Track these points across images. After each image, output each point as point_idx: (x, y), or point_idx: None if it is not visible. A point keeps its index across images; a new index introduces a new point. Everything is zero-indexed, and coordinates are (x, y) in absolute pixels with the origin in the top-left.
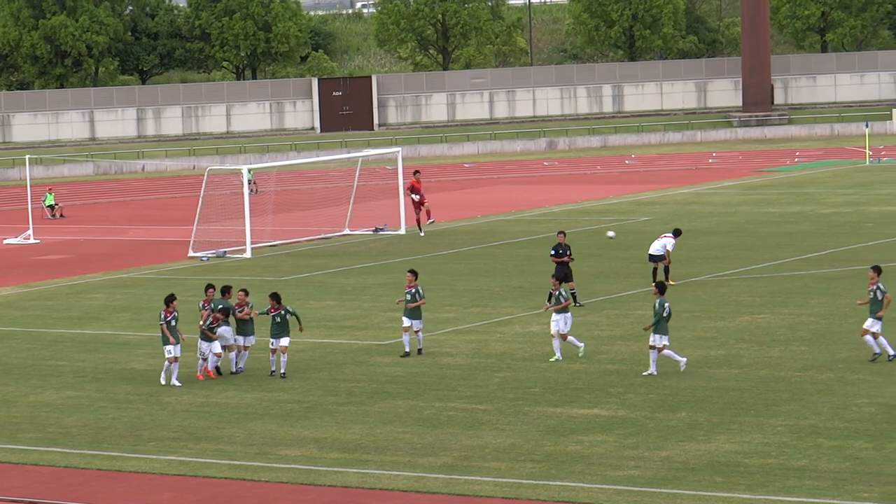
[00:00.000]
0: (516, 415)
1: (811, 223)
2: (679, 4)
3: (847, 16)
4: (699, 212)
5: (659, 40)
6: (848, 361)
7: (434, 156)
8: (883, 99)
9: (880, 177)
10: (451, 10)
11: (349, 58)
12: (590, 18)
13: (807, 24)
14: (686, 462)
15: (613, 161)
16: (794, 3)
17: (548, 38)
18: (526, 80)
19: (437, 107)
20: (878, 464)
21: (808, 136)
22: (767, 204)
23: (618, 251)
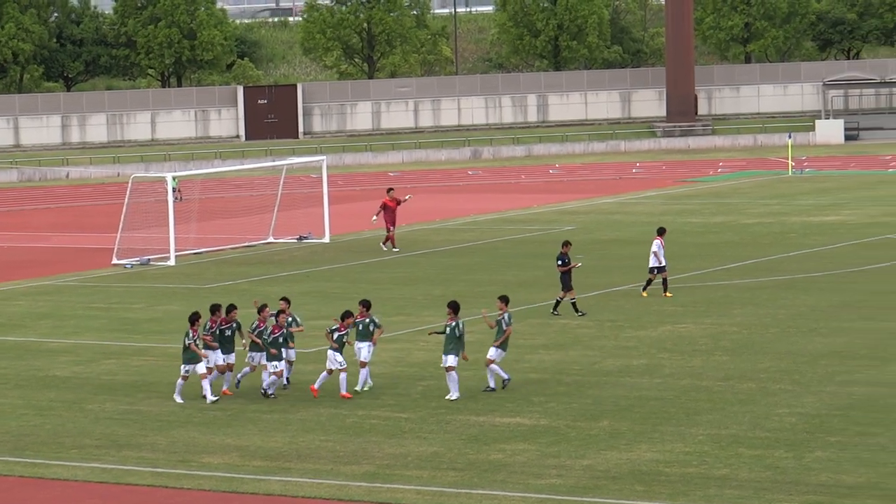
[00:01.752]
0: (439, 423)
1: (734, 233)
2: (604, 15)
3: (771, 27)
4: (622, 221)
5: (584, 50)
6: (769, 371)
7: (359, 164)
8: (806, 110)
9: (803, 187)
10: (377, 18)
11: (274, 66)
12: (515, 28)
13: (730, 34)
14: (607, 471)
15: (537, 170)
16: (717, 13)
17: (473, 47)
18: (451, 89)
19: (362, 115)
20: (798, 473)
21: (731, 147)
22: (690, 214)
23: (541, 261)
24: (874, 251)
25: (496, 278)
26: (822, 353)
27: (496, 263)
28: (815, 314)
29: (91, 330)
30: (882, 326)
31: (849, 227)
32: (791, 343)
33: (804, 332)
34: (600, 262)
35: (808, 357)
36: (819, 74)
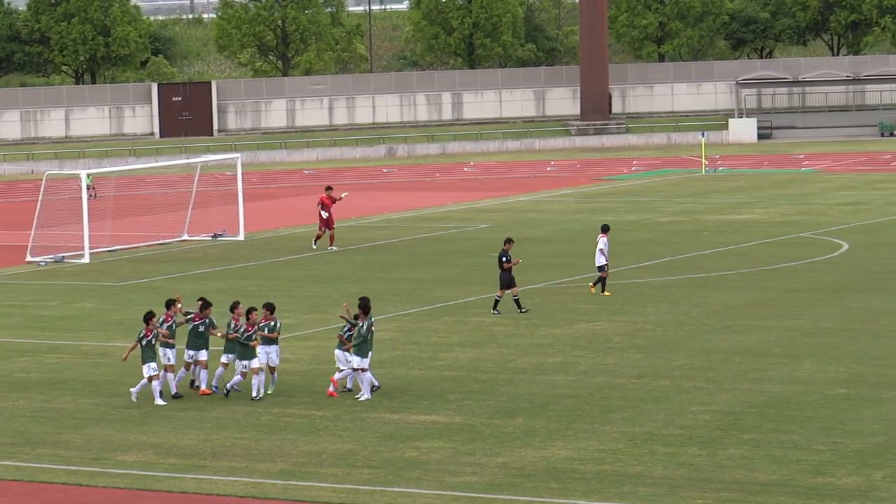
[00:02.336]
0: (354, 421)
1: (648, 231)
2: (518, 13)
3: (684, 26)
4: (537, 219)
5: (498, 48)
6: (683, 369)
7: (273, 162)
8: (719, 109)
9: (716, 186)
10: (291, 15)
11: (189, 63)
12: (429, 26)
13: (644, 33)
14: (522, 468)
15: (452, 168)
16: (631, 12)
17: (388, 45)
18: (366, 87)
19: (277, 113)
20: (712, 470)
21: (645, 145)
22: (605, 212)
23: (456, 258)
24: (786, 249)
25: (411, 276)
26: (736, 351)
27: (411, 261)
28: (729, 312)
29: (4, 327)
30: (794, 325)
31: (762, 226)
32: (705, 341)
33: (718, 330)
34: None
35: (721, 355)
36: (732, 73)
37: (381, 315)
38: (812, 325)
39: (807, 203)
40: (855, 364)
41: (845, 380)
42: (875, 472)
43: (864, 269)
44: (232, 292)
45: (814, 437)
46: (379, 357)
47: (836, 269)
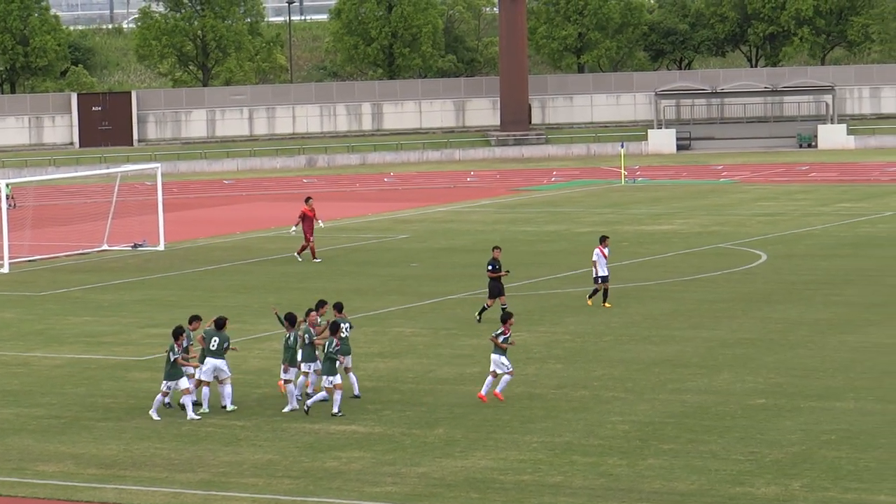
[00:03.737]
0: (274, 431)
1: (567, 242)
2: (438, 24)
3: (603, 37)
4: (457, 230)
5: (418, 59)
6: (602, 379)
7: (193, 172)
8: (638, 119)
9: (635, 196)
10: (211, 25)
11: (109, 73)
12: (349, 36)
13: (564, 44)
14: (443, 478)
15: (372, 179)
16: (551, 24)
17: (308, 55)
18: (286, 98)
19: (197, 123)
20: (632, 480)
21: (564, 156)
22: (524, 223)
23: (376, 268)
24: (705, 260)
25: (330, 286)
26: (655, 361)
27: (330, 271)
28: (648, 323)
29: None
30: (713, 335)
31: (681, 236)
32: (624, 351)
33: (637, 341)
34: (435, 271)
35: (640, 365)
36: (651, 84)
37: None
38: (730, 336)
39: (725, 214)
40: (773, 374)
41: (763, 390)
42: (793, 481)
43: (781, 280)
44: (151, 303)
45: (732, 446)
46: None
47: (754, 280)
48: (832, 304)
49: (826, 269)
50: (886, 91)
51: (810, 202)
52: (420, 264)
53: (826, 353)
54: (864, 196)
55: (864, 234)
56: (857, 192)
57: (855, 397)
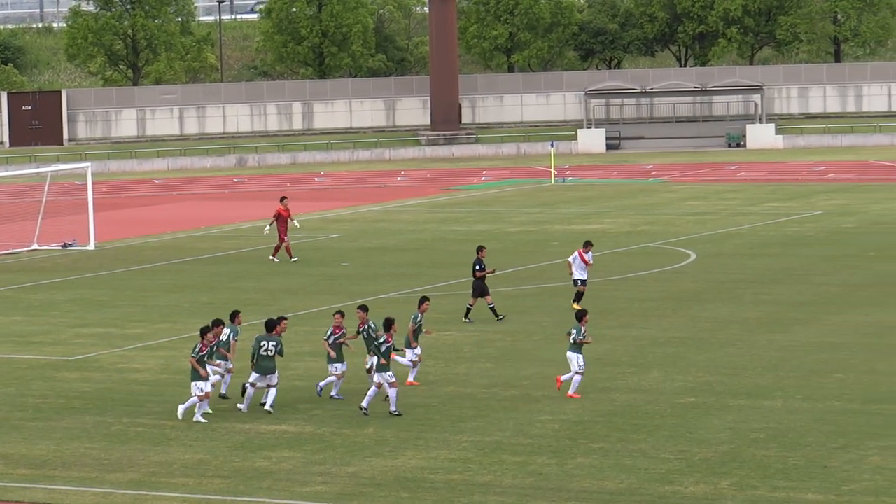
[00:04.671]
0: (204, 430)
1: (497, 241)
2: (368, 23)
3: (534, 37)
4: (388, 229)
5: (348, 59)
6: (532, 378)
7: (124, 171)
8: (568, 119)
9: (565, 196)
10: (141, 24)
11: (39, 72)
12: (279, 35)
13: (494, 44)
14: (373, 478)
15: (303, 178)
16: (481, 23)
17: (238, 54)
18: (216, 97)
19: (127, 122)
20: (561, 479)
21: (494, 155)
22: (454, 222)
23: (307, 268)
24: (635, 259)
25: (261, 286)
26: (585, 360)
27: (262, 271)
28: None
29: None
30: (642, 334)
31: (610, 236)
32: (554, 350)
33: (566, 340)
34: (366, 270)
35: None
36: (581, 84)
37: None
38: (660, 335)
39: (655, 213)
40: (702, 373)
41: (693, 388)
42: (722, 480)
43: (711, 279)
44: (81, 302)
45: (661, 445)
46: None
47: (683, 279)
48: (761, 303)
49: (755, 268)
50: (814, 91)
51: (739, 201)
52: (351, 263)
53: (755, 351)
54: (791, 195)
55: (792, 234)
56: (785, 192)
57: (783, 396)
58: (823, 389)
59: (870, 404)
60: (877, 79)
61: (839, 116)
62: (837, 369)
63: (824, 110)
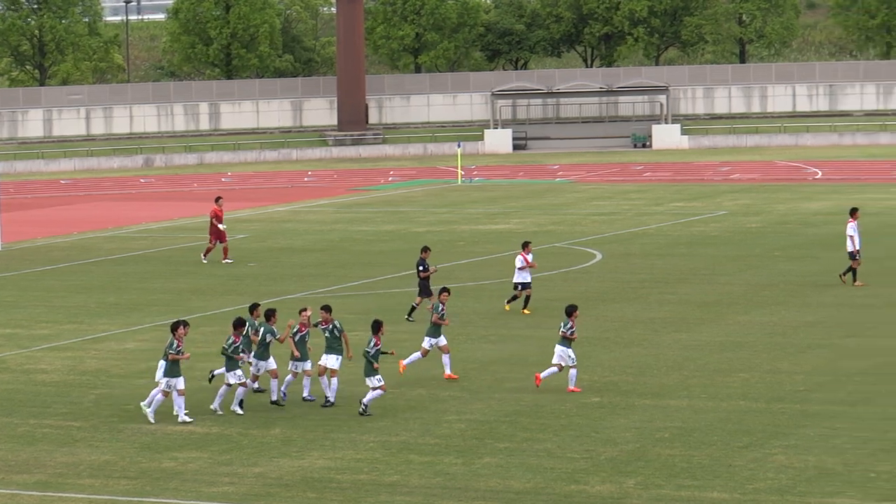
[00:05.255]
0: (111, 431)
1: (405, 241)
2: (276, 24)
3: (440, 37)
4: (295, 230)
5: (256, 59)
6: (438, 378)
7: (30, 172)
8: (475, 119)
9: (471, 196)
10: (48, 25)
11: None
12: (187, 36)
13: (401, 44)
14: (280, 478)
15: (210, 178)
16: (388, 24)
17: (145, 55)
18: (123, 97)
19: (34, 123)
20: (468, 479)
21: (401, 156)
22: (362, 222)
23: (214, 268)
24: (541, 259)
25: (169, 286)
26: (492, 360)
27: (169, 271)
28: (485, 322)
29: None
30: (549, 334)
31: (517, 236)
32: (461, 350)
33: (474, 340)
34: (273, 270)
35: (477, 364)
36: (488, 84)
37: (139, 326)
38: None
39: (561, 213)
40: (608, 372)
41: (598, 388)
42: (627, 479)
43: (617, 279)
44: None
45: (568, 445)
46: (137, 368)
47: (589, 279)
48: (666, 302)
49: (661, 268)
50: (719, 91)
51: (645, 202)
52: (258, 264)
53: (660, 351)
54: (697, 195)
55: (698, 234)
56: (691, 192)
57: (688, 395)
58: (728, 388)
59: (774, 403)
60: (781, 79)
61: (744, 117)
62: (742, 368)
63: (729, 111)
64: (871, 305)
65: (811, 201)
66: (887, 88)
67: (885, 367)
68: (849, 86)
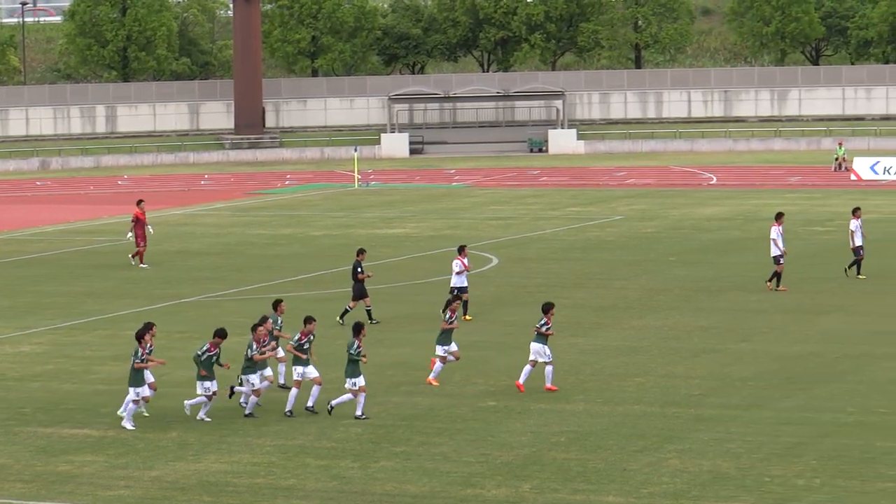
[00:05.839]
0: (6, 435)
1: (302, 245)
2: (172, 27)
3: (337, 41)
4: (191, 233)
5: (153, 62)
6: (335, 382)
7: None
8: (372, 123)
9: (368, 200)
10: None
11: None
12: (83, 39)
13: (298, 48)
14: (176, 481)
15: (106, 181)
16: (285, 27)
17: (41, 57)
18: (19, 100)
19: None
20: (364, 483)
21: (298, 160)
22: (259, 226)
23: (110, 271)
24: (438, 263)
25: (64, 289)
26: (388, 364)
27: (65, 275)
28: (381, 325)
29: None
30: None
31: (413, 240)
32: None
33: (370, 344)
34: (169, 274)
35: (373, 368)
36: (385, 89)
37: (34, 329)
38: (462, 339)
39: (458, 218)
40: (504, 377)
41: (494, 392)
42: (523, 483)
43: (513, 283)
44: None
45: (463, 449)
46: (32, 371)
47: (486, 283)
48: (562, 307)
49: (556, 273)
50: (615, 96)
51: (541, 206)
52: (153, 267)
53: (556, 355)
54: (593, 200)
55: (594, 238)
56: (587, 197)
57: (584, 399)
58: (623, 393)
59: (668, 407)
60: (676, 85)
61: (640, 122)
62: (637, 373)
63: (625, 116)
64: (763, 311)
65: (706, 206)
66: (781, 94)
67: (777, 372)
68: (743, 92)
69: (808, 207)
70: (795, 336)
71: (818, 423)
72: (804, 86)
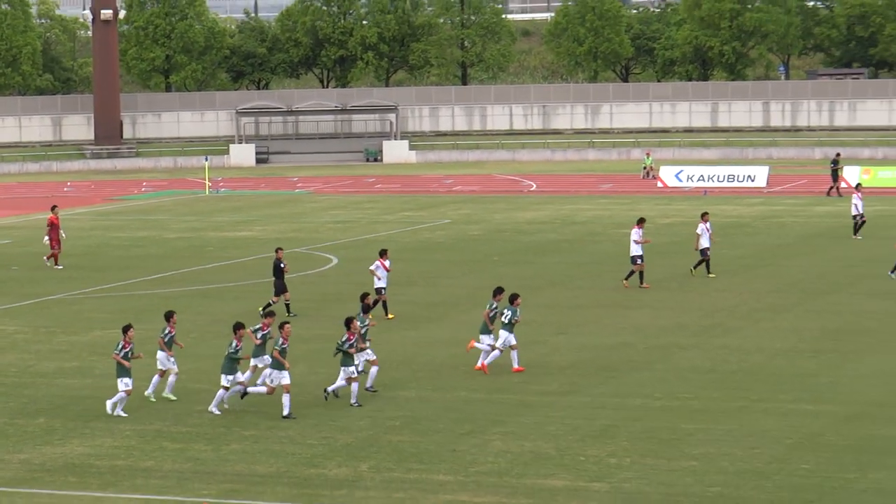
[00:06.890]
0: None
1: (157, 247)
2: (36, 45)
3: (189, 59)
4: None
5: (18, 77)
6: (190, 372)
7: None
8: (221, 135)
9: (218, 205)
10: None
11: None
12: None
13: (152, 65)
14: (43, 464)
15: None
16: (140, 46)
17: None
18: None
19: None
20: (216, 464)
21: (154, 168)
22: (117, 229)
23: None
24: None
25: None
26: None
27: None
28: (230, 319)
29: None
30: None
31: (260, 242)
32: (208, 347)
33: (221, 337)
34: (34, 273)
35: (220, 359)
36: (233, 103)
37: None
38: (305, 333)
39: (300, 221)
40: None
41: (334, 380)
42: (362, 463)
43: (351, 281)
44: None
45: (307, 432)
46: None
47: (326, 282)
48: (397, 303)
49: (392, 272)
50: (444, 110)
51: (377, 211)
52: (20, 268)
53: (391, 347)
54: (424, 205)
55: (425, 240)
56: (418, 202)
57: (417, 387)
58: (453, 381)
59: (493, 393)
60: (499, 100)
61: (466, 134)
62: (465, 363)
63: (453, 128)
64: (580, 306)
65: (525, 211)
66: (594, 109)
67: (589, 362)
68: (560, 106)
69: (619, 212)
70: (609, 328)
71: (629, 408)
72: (615, 101)
